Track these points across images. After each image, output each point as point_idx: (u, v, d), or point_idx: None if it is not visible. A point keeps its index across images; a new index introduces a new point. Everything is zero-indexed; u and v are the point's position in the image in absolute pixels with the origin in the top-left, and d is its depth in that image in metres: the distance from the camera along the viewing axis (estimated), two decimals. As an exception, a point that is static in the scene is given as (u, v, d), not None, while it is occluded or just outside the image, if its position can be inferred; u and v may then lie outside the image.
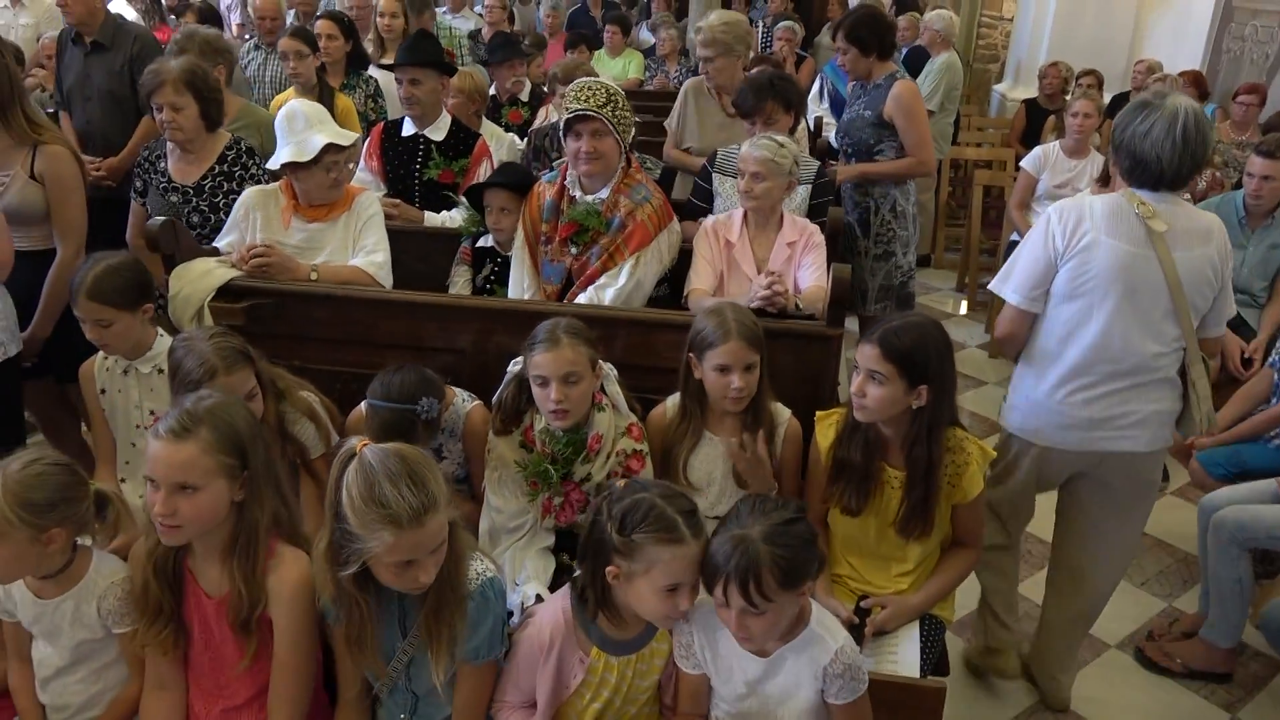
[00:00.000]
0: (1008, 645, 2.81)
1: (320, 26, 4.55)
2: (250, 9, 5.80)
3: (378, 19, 5.27)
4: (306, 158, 2.78)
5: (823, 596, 2.20)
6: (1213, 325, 2.43)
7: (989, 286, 2.62)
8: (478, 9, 7.18)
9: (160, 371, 2.47)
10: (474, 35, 6.44)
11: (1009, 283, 2.47)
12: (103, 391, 2.52)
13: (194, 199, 3.16)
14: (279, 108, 4.05)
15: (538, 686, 1.83)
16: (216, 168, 3.18)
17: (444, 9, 6.95)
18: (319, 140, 2.78)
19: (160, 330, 2.55)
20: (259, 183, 3.13)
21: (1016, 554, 2.82)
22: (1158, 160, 2.28)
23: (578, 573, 1.87)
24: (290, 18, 5.72)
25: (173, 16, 6.95)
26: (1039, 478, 2.60)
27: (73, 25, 4.01)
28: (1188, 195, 4.41)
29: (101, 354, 2.52)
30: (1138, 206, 2.30)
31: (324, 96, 4.12)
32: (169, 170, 3.19)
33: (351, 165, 3.13)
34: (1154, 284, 2.31)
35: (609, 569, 1.72)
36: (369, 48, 5.24)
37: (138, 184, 3.30)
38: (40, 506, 1.75)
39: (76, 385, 2.94)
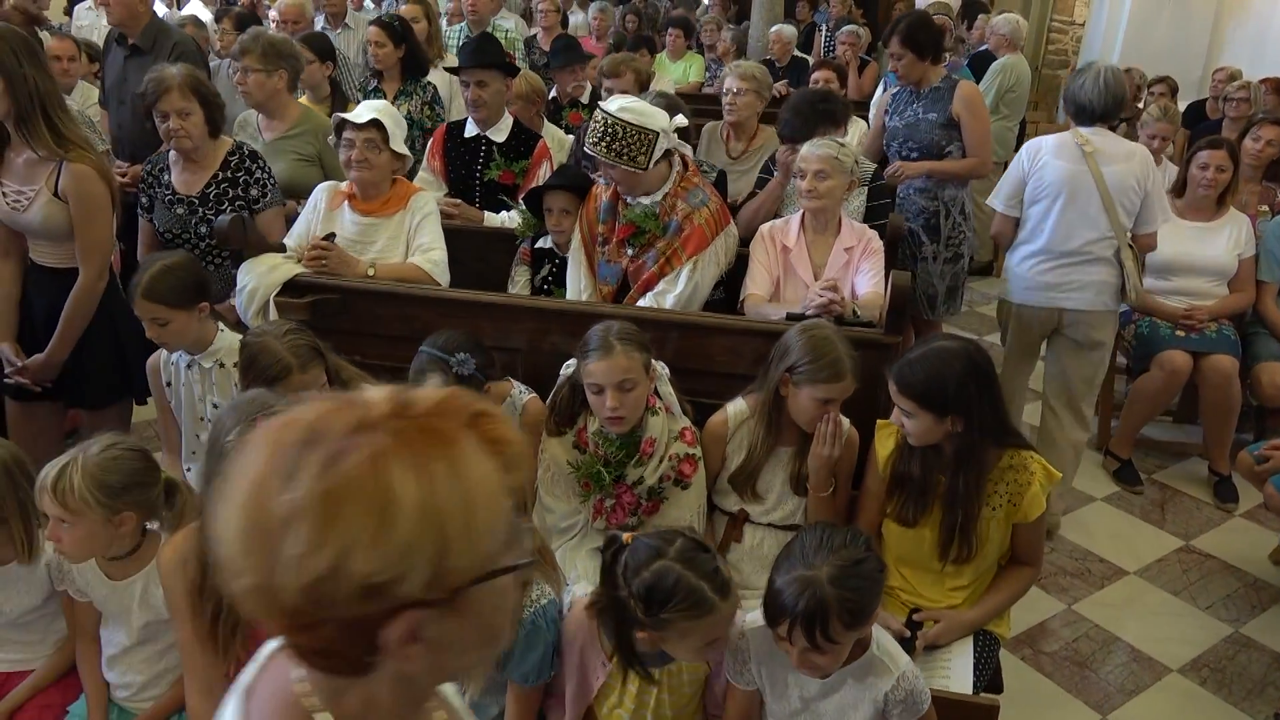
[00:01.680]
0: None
1: (369, 34, 4.45)
2: (275, 11, 5.62)
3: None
4: (361, 119, 2.90)
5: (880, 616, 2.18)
6: (1143, 224, 3.36)
7: (987, 202, 3.65)
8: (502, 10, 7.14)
9: (221, 365, 2.54)
10: (529, 41, 6.45)
11: (999, 198, 3.52)
12: (168, 384, 2.60)
13: (200, 209, 3.09)
14: None
15: (566, 681, 1.85)
16: (220, 175, 3.10)
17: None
18: (371, 114, 2.92)
19: (221, 325, 2.62)
20: (264, 188, 3.13)
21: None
22: (1089, 103, 3.31)
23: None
24: (320, 22, 5.64)
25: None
26: (1021, 328, 3.57)
27: (114, 26, 3.97)
28: (1266, 207, 4.28)
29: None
30: (1078, 138, 3.31)
31: (335, 106, 4.03)
32: (172, 182, 3.11)
33: (393, 166, 3.06)
34: (1088, 190, 3.28)
35: (640, 635, 1.71)
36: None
37: (143, 200, 3.20)
38: (115, 489, 1.83)
39: (81, 411, 3.04)
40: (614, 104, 2.84)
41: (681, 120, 2.95)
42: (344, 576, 0.71)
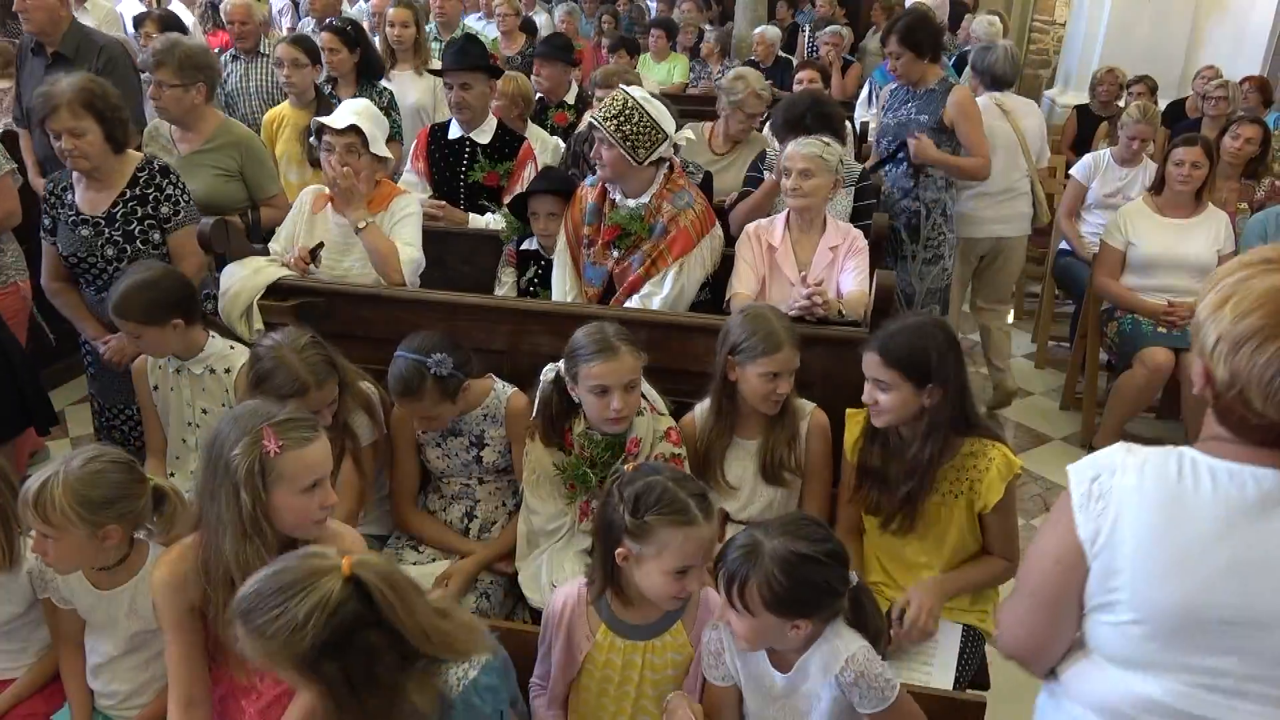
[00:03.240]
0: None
1: (322, 40, 4.32)
2: (221, 14, 5.36)
3: (387, 29, 4.95)
4: (336, 125, 2.87)
5: None
6: (1042, 160, 4.68)
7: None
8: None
9: (212, 372, 2.52)
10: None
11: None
12: (155, 388, 2.58)
13: (106, 229, 2.86)
14: (273, 122, 4.02)
15: (552, 658, 1.85)
16: (128, 192, 2.87)
17: (476, 15, 6.96)
18: (351, 119, 2.88)
19: (212, 332, 2.60)
20: (176, 206, 2.92)
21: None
22: (1003, 73, 4.46)
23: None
24: (309, 25, 5.55)
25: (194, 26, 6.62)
26: (964, 260, 4.55)
27: (33, 34, 3.71)
28: (1245, 204, 4.33)
29: None
30: (994, 101, 4.38)
31: (320, 110, 3.82)
32: (76, 202, 2.89)
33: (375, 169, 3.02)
34: (1011, 140, 4.36)
35: (618, 551, 1.72)
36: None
37: (46, 221, 2.96)
38: (97, 504, 1.80)
39: (30, 438, 3.03)
40: (638, 91, 2.89)
41: (686, 135, 2.98)
42: None
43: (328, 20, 5.17)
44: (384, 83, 4.51)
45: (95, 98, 2.76)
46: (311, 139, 3.15)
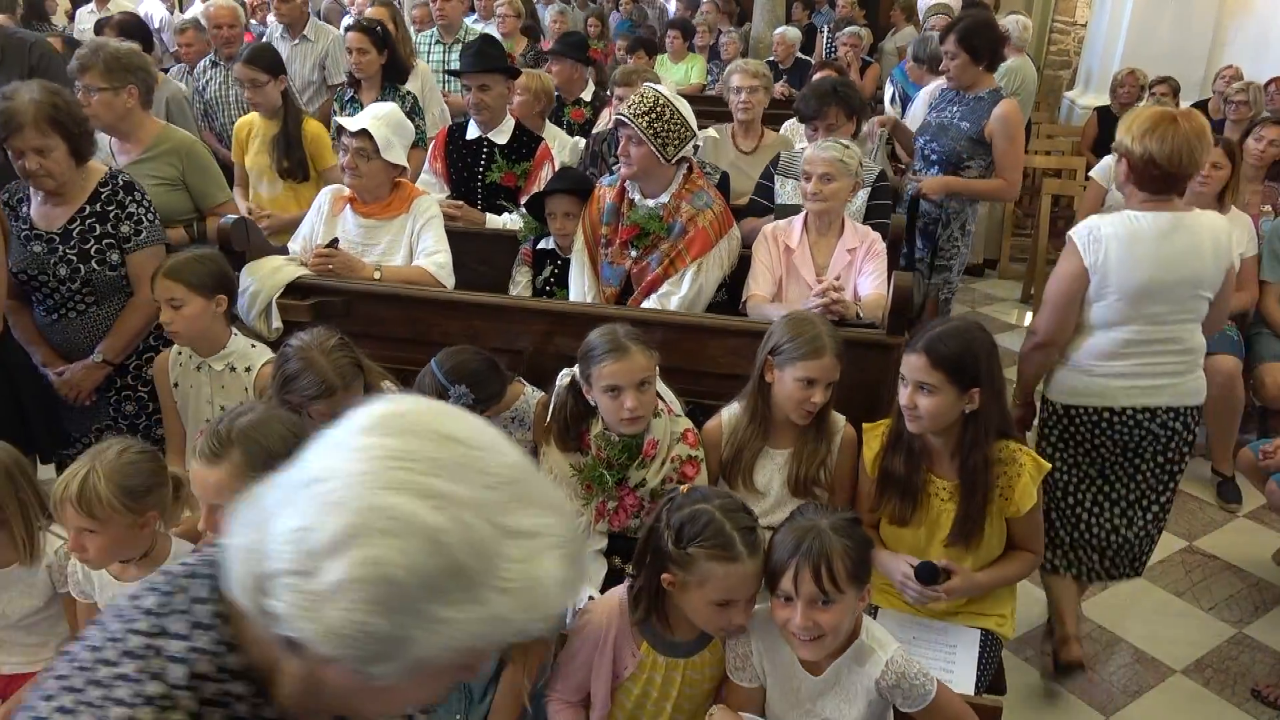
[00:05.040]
0: None
1: (350, 40, 4.16)
2: (203, 19, 5.00)
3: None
4: (351, 127, 2.88)
5: (886, 557, 2.19)
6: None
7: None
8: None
9: (232, 369, 2.54)
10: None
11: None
12: (175, 385, 2.60)
13: (60, 247, 2.66)
14: (243, 131, 3.87)
15: (594, 673, 1.84)
16: (87, 208, 2.68)
17: (473, 17, 6.93)
18: (365, 122, 2.90)
19: (235, 330, 2.61)
20: (138, 225, 2.73)
21: None
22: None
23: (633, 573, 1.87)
24: (277, 31, 5.15)
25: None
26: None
27: None
28: (1269, 207, 4.28)
29: (176, 348, 2.59)
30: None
31: (289, 120, 3.72)
32: (31, 215, 2.71)
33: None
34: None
35: (664, 576, 1.72)
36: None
37: None
38: (139, 492, 1.85)
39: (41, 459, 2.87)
40: (665, 88, 2.90)
41: (710, 134, 3.00)
42: None
43: (356, 20, 5.01)
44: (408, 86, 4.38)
45: (60, 112, 2.56)
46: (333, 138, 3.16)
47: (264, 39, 5.45)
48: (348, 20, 6.36)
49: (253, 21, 6.57)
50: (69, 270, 2.68)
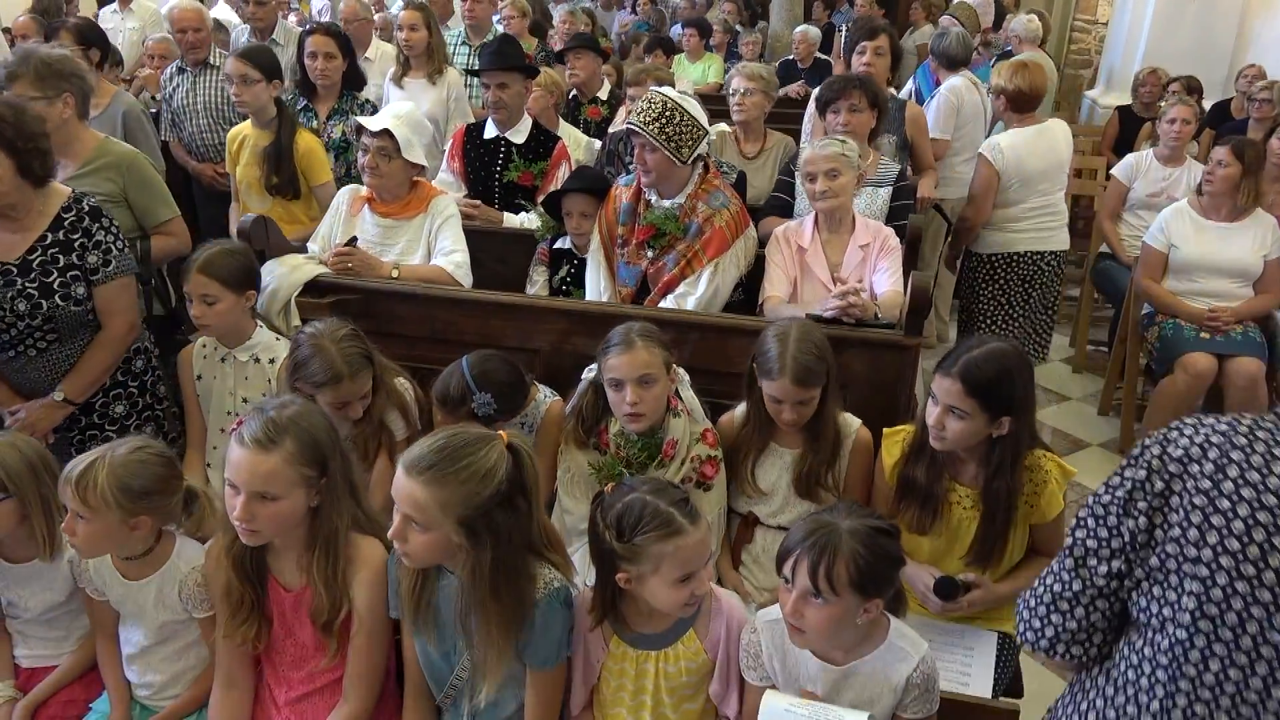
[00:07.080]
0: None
1: (316, 44, 3.88)
2: (167, 23, 4.68)
3: (396, 33, 4.51)
4: (372, 127, 2.91)
5: (911, 567, 2.16)
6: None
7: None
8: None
9: (256, 361, 2.56)
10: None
11: (937, 128, 4.62)
12: (199, 377, 2.62)
13: (19, 280, 2.39)
14: (235, 142, 3.65)
15: (571, 665, 1.85)
16: (49, 236, 2.43)
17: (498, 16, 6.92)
18: (387, 122, 2.92)
19: (259, 322, 2.64)
20: (106, 254, 2.48)
21: None
22: (955, 54, 4.85)
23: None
24: (245, 35, 5.10)
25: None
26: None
27: None
28: None
29: (201, 340, 2.62)
30: (968, 79, 4.83)
31: (282, 133, 3.52)
32: None
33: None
34: (979, 108, 4.85)
35: (619, 575, 1.71)
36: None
37: None
38: (136, 493, 1.84)
39: None
40: (672, 91, 2.89)
41: (720, 128, 2.99)
42: None
43: (313, 24, 4.86)
44: (369, 92, 4.23)
45: (7, 126, 2.32)
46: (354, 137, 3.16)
47: (231, 44, 5.37)
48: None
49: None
50: (28, 305, 2.41)
